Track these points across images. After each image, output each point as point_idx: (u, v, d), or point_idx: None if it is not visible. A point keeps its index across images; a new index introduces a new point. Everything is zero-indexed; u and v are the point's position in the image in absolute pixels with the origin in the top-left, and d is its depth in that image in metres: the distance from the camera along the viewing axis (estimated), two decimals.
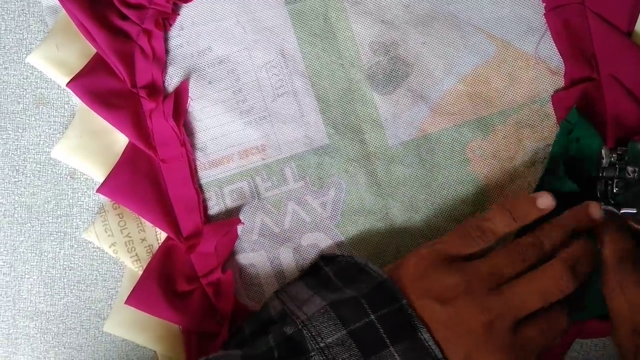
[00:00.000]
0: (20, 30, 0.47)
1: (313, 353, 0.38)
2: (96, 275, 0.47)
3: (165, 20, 0.46)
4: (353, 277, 0.42)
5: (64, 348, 0.48)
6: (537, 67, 0.46)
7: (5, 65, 0.47)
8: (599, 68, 0.44)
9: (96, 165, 0.46)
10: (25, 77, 0.47)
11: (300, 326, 0.39)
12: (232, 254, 0.47)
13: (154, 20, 0.45)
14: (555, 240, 0.40)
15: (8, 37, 0.47)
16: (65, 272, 0.48)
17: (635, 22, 0.44)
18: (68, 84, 0.44)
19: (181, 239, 0.45)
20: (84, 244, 0.47)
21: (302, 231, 0.47)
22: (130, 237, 0.46)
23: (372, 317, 0.39)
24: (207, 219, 0.46)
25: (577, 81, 0.45)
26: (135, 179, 0.45)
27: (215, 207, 0.47)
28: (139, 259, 0.46)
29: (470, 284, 0.39)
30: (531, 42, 0.46)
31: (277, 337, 0.40)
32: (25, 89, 0.47)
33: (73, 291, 0.48)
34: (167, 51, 0.46)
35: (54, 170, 0.47)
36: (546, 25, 0.45)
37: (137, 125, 0.45)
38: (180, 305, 0.44)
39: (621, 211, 0.41)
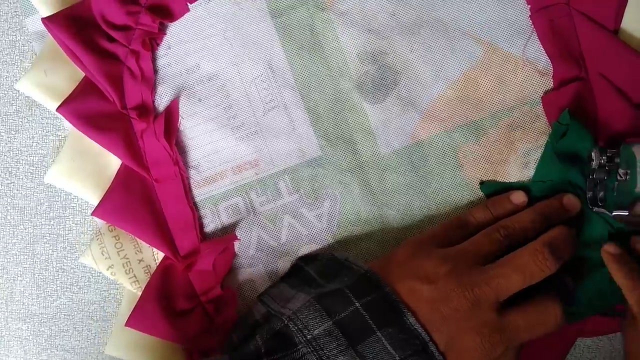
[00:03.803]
0: (13, 32, 0.47)
1: (300, 346, 0.39)
2: (89, 278, 0.47)
3: (152, 40, 0.46)
4: (335, 273, 0.43)
5: (57, 350, 0.48)
6: (526, 68, 0.46)
7: None
8: (587, 67, 0.44)
9: (90, 188, 0.46)
10: (17, 79, 0.47)
11: (286, 321, 0.40)
12: (231, 270, 0.47)
13: (141, 40, 0.45)
14: (525, 221, 0.42)
15: (0, 39, 0.47)
16: (58, 274, 0.48)
17: (621, 20, 0.44)
18: (58, 109, 0.44)
19: (178, 258, 0.45)
20: (76, 246, 0.47)
21: (299, 244, 0.47)
22: (127, 258, 0.46)
23: (357, 304, 0.39)
24: (204, 236, 0.46)
25: (566, 81, 0.45)
26: (130, 200, 0.45)
27: (211, 224, 0.47)
28: (137, 280, 0.46)
29: (453, 264, 0.40)
30: (518, 44, 0.46)
31: (264, 334, 0.40)
32: (18, 91, 0.47)
33: (66, 293, 0.48)
34: (155, 71, 0.46)
35: (47, 172, 0.47)
36: (532, 26, 0.45)
37: (128, 146, 0.45)
38: (180, 324, 0.44)
39: (613, 213, 0.41)
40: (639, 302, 0.41)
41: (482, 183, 0.46)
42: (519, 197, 0.44)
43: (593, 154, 0.42)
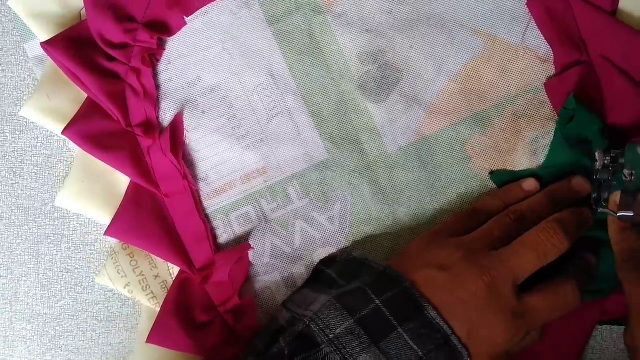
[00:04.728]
0: (18, 32, 0.47)
1: (323, 346, 0.39)
2: (93, 278, 0.48)
3: (152, 56, 0.46)
4: (355, 272, 0.43)
5: (61, 351, 0.48)
6: (526, 56, 0.46)
7: (3, 68, 0.47)
8: (588, 50, 0.44)
9: (101, 207, 0.46)
10: (22, 79, 0.48)
11: (307, 322, 0.40)
12: (247, 279, 0.47)
13: (141, 57, 0.45)
14: (534, 203, 0.43)
15: (5, 39, 0.47)
16: (62, 275, 0.48)
17: (618, 0, 0.44)
18: (63, 132, 0.44)
19: (194, 271, 0.45)
20: (81, 246, 0.47)
21: (313, 248, 0.47)
22: (143, 275, 0.46)
23: (377, 302, 0.39)
24: (217, 247, 0.47)
25: (568, 66, 0.45)
26: (142, 218, 0.45)
27: (223, 235, 0.47)
28: (154, 296, 0.46)
29: (466, 250, 0.40)
30: (517, 33, 0.46)
31: (287, 337, 0.41)
32: (23, 91, 0.48)
33: (70, 294, 0.48)
34: (157, 86, 0.47)
35: (51, 172, 0.48)
36: (530, 14, 0.45)
37: (136, 163, 0.45)
38: (200, 337, 0.44)
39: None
40: (617, 251, 0.41)
41: (492, 173, 0.46)
42: (530, 185, 0.44)
43: (597, 154, 0.41)
